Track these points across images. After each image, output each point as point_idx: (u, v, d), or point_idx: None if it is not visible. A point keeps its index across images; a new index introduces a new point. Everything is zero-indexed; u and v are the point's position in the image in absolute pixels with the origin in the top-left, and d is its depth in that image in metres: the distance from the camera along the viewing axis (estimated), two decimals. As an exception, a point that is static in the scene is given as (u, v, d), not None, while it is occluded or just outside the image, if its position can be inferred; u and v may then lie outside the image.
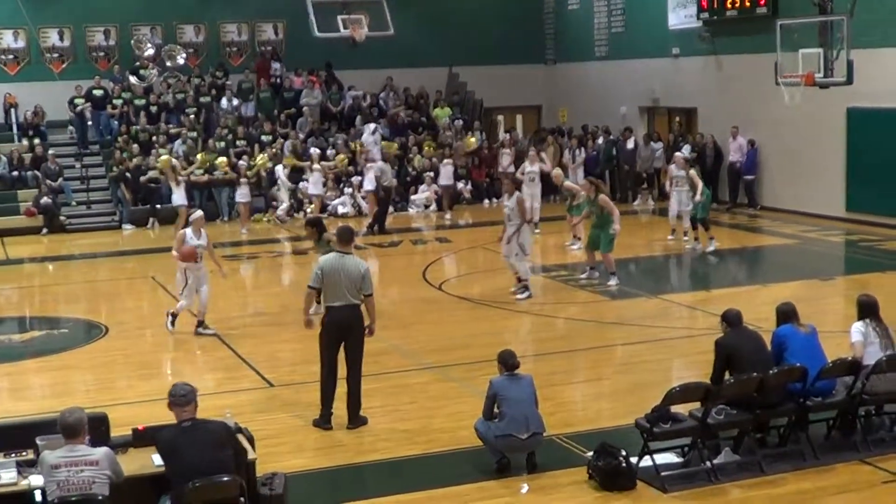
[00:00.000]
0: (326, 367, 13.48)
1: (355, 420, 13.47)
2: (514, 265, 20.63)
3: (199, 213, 19.20)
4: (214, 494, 9.22)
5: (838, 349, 12.74)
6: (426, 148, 35.16)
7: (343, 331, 13.35)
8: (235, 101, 35.80)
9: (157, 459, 9.57)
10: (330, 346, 13.44)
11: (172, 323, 18.56)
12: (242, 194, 30.78)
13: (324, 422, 13.46)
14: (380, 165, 31.43)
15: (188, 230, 18.36)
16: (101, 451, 9.20)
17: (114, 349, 17.98)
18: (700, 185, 24.53)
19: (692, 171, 24.97)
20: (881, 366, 11.90)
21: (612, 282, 21.21)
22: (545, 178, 28.17)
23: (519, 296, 20.42)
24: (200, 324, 18.52)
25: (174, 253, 18.36)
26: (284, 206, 32.19)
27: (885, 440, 12.19)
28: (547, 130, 37.27)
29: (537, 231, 27.74)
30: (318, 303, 15.01)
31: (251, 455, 10.11)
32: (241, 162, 31.93)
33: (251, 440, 10.50)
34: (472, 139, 35.07)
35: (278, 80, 37.02)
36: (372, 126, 34.75)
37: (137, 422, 10.88)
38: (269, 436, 12.84)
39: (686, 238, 25.60)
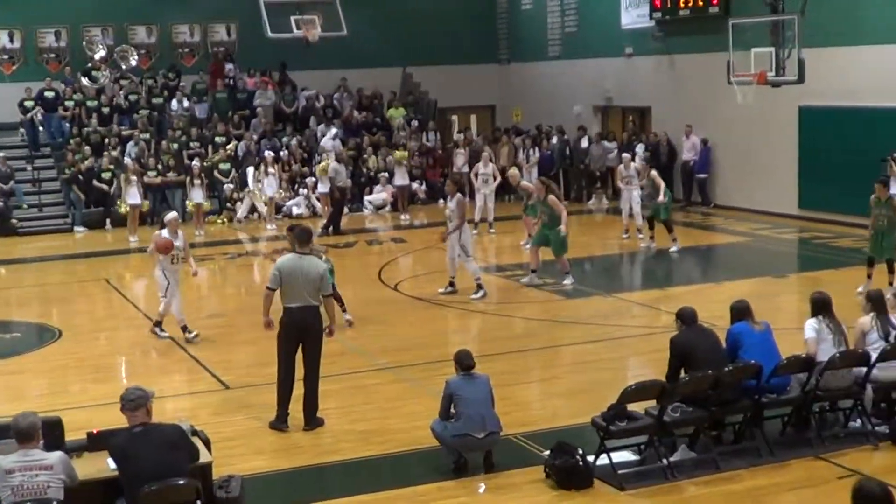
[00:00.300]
0: (283, 368, 13.44)
1: (312, 421, 13.43)
2: (458, 266, 20.67)
3: (174, 213, 18.69)
4: (170, 498, 9.16)
5: (792, 346, 12.81)
6: (398, 152, 34.67)
7: (301, 332, 13.31)
8: (187, 103, 35.62)
9: (113, 463, 9.49)
10: (288, 347, 13.41)
11: (161, 328, 18.24)
12: (196, 195, 30.61)
13: (280, 423, 13.42)
14: (334, 166, 31.37)
15: (164, 231, 17.89)
16: (56, 456, 9.13)
17: (67, 353, 17.85)
18: (662, 186, 24.63)
19: (653, 173, 25.02)
20: (835, 362, 11.99)
21: (567, 281, 21.25)
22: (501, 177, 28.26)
23: (473, 295, 20.45)
24: (158, 324, 18.34)
25: (151, 248, 18.06)
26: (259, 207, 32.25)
27: (839, 436, 12.27)
28: (502, 130, 37.34)
29: (492, 231, 27.79)
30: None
31: (207, 458, 10.06)
32: (194, 163, 31.70)
33: (207, 443, 10.45)
34: (399, 153, 34.68)
35: (232, 82, 36.86)
36: (333, 131, 34.65)
37: (92, 425, 10.80)
38: (225, 438, 12.77)
39: (640, 236, 25.73)
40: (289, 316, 13.29)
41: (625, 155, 27.39)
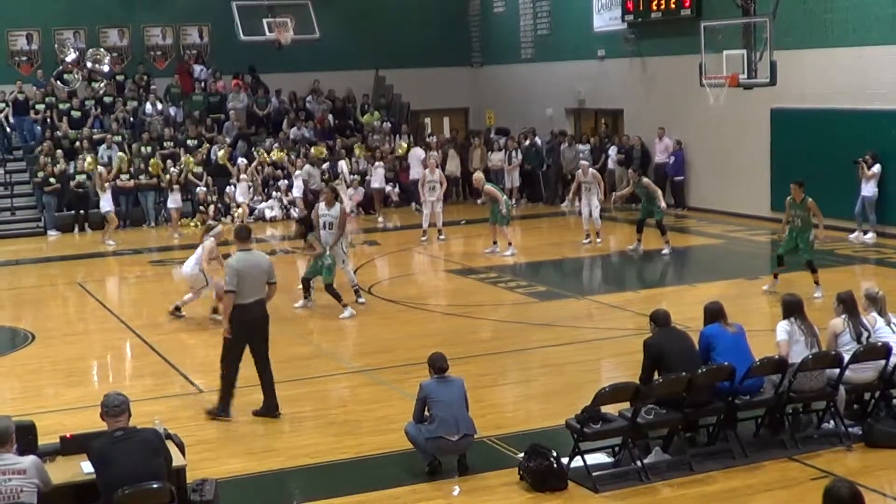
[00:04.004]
0: (232, 363, 13.84)
1: (277, 409, 13.87)
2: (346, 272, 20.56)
3: (220, 227, 20.40)
4: (144, 502, 9.13)
5: (765, 348, 12.86)
6: (357, 151, 34.62)
7: (254, 326, 13.73)
8: (160, 106, 35.48)
9: (86, 467, 9.46)
10: (240, 343, 13.77)
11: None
12: (174, 200, 30.61)
13: (222, 412, 13.86)
14: (307, 169, 31.40)
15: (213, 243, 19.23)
16: (29, 460, 9.09)
17: (40, 356, 17.77)
18: (659, 191, 24.75)
19: (645, 180, 24.90)
20: (807, 364, 12.02)
21: (361, 299, 20.59)
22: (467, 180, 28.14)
23: (297, 304, 20.31)
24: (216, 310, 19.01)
25: (206, 265, 19.26)
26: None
27: (812, 437, 12.30)
28: (475, 132, 37.37)
29: (442, 237, 27.64)
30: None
31: (181, 461, 10.04)
32: (172, 168, 31.71)
33: (181, 446, 10.42)
34: (404, 144, 34.67)
35: (203, 85, 36.76)
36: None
37: (65, 429, 10.77)
38: (199, 441, 12.76)
39: (599, 240, 26.07)
40: (244, 313, 13.60)
41: (583, 162, 27.57)
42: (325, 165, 32.93)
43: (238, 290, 13.55)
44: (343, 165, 32.46)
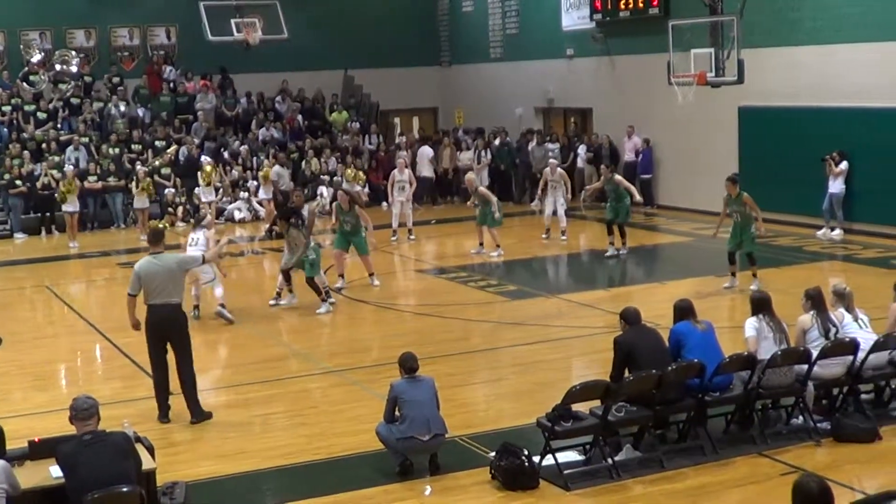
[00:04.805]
0: (155, 366, 13.96)
1: (198, 414, 13.82)
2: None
3: (209, 217, 21.82)
4: (114, 505, 9.10)
5: (734, 345, 12.91)
6: (350, 171, 34.17)
7: (165, 328, 13.78)
8: (122, 107, 35.10)
9: (55, 472, 9.41)
10: (155, 344, 13.87)
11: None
12: (141, 201, 30.32)
13: (162, 417, 13.89)
14: (276, 170, 31.30)
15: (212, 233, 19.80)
16: (-3, 465, 9.05)
17: (7, 360, 17.59)
18: (632, 187, 24.75)
19: (618, 177, 24.85)
20: (776, 360, 12.07)
21: (376, 282, 21.87)
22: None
23: (282, 301, 20.53)
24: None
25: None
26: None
27: (781, 433, 12.35)
28: (444, 132, 37.35)
29: (412, 238, 27.65)
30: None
31: (151, 464, 10.00)
32: (139, 168, 31.51)
33: (151, 449, 10.38)
34: (350, 171, 34.21)
35: (172, 85, 36.62)
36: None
37: (34, 434, 10.74)
38: (169, 444, 12.73)
39: (564, 238, 26.15)
40: (152, 314, 13.75)
41: (552, 161, 27.72)
42: (307, 189, 32.83)
43: (145, 292, 13.77)
44: (324, 190, 32.31)
